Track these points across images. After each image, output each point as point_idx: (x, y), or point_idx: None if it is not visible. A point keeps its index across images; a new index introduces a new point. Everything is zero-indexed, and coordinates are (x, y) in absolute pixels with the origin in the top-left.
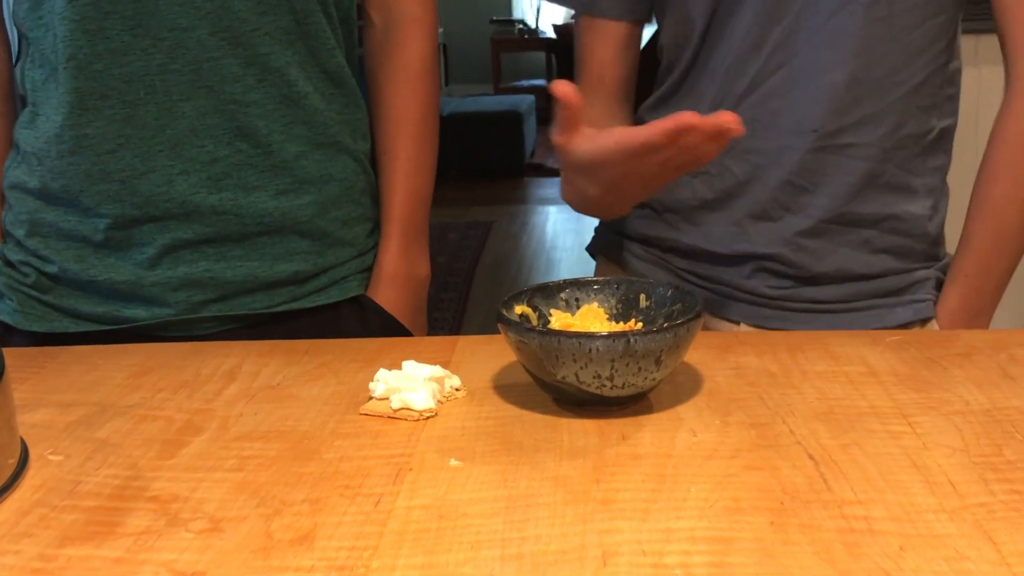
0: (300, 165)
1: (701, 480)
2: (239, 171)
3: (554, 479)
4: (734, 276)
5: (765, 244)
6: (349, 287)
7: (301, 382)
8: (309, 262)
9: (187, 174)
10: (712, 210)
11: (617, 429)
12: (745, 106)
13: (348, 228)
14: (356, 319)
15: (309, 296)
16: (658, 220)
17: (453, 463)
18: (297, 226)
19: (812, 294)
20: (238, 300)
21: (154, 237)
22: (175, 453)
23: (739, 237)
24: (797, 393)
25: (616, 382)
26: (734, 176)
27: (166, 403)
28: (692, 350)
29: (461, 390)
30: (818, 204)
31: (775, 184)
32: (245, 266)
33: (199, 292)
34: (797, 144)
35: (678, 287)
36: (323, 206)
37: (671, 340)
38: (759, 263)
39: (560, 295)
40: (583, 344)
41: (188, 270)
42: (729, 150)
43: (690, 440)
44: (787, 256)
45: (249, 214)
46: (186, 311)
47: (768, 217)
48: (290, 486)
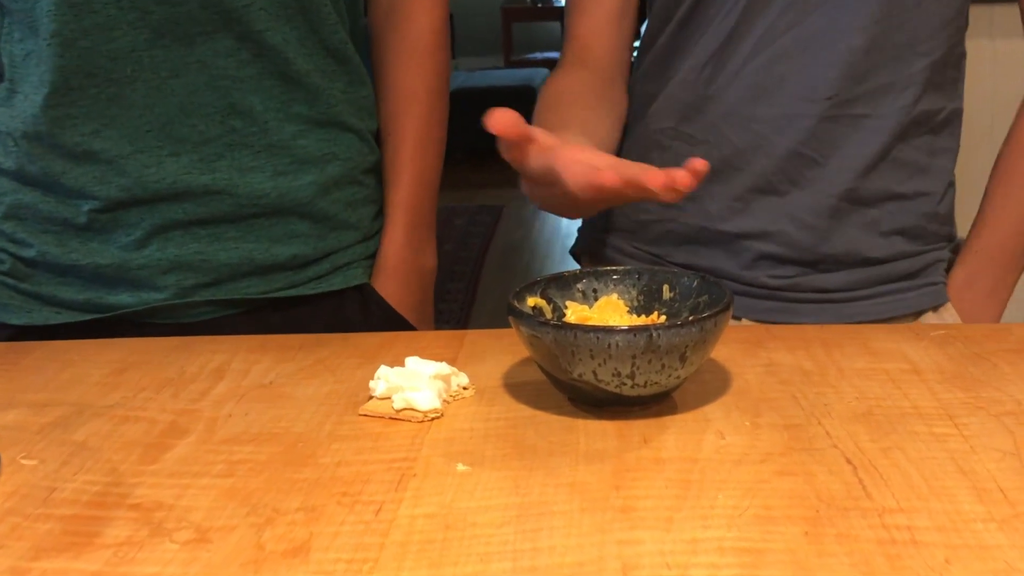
0: (299, 144)
1: (729, 486)
2: (233, 151)
3: (570, 485)
4: (733, 266)
5: (769, 220)
6: (353, 274)
7: (295, 380)
8: (309, 245)
9: (177, 155)
10: (710, 182)
11: (638, 431)
12: (749, 70)
13: (352, 210)
14: (359, 309)
15: (309, 283)
16: (648, 201)
17: (460, 468)
18: (297, 207)
19: (818, 282)
20: (232, 284)
21: (142, 218)
22: (158, 457)
23: (740, 213)
24: (834, 392)
25: (637, 380)
26: (732, 145)
27: (149, 403)
28: (720, 346)
29: (469, 389)
30: (828, 178)
31: (781, 155)
32: (240, 248)
33: (190, 275)
34: (807, 112)
35: (704, 277)
36: (324, 187)
37: (697, 335)
38: (760, 248)
39: (576, 286)
40: (601, 339)
41: (178, 252)
42: (726, 116)
43: (718, 443)
44: (792, 235)
45: (244, 194)
46: (176, 296)
47: (773, 191)
48: (283, 493)
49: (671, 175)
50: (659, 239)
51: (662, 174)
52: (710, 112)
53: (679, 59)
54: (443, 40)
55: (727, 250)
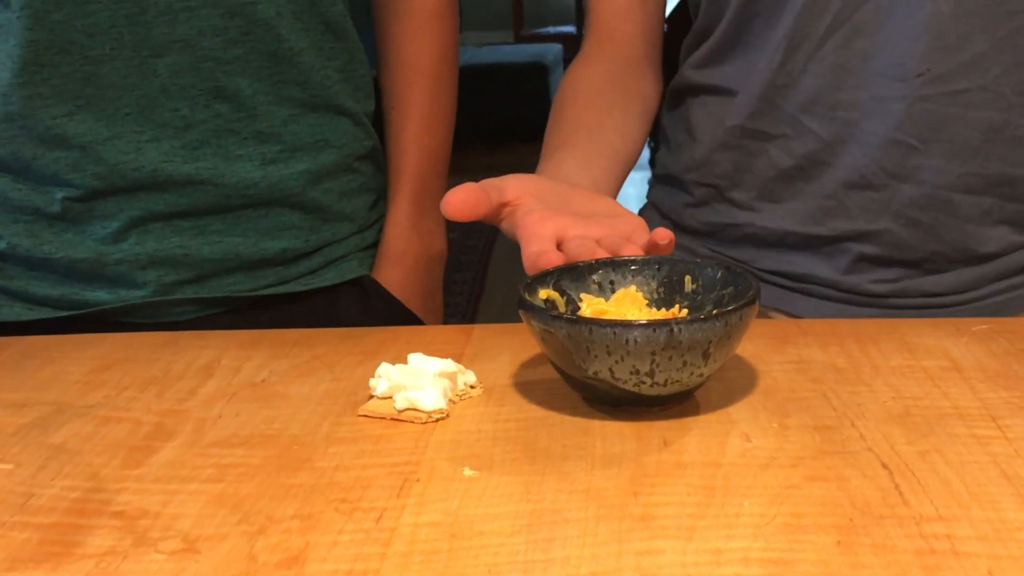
0: (290, 130)
1: (756, 493)
2: (218, 137)
3: (585, 491)
4: (829, 271)
5: (870, 219)
6: (348, 268)
7: (290, 378)
8: (301, 239)
9: (158, 140)
10: (794, 181)
11: (658, 433)
12: (827, 49)
13: (346, 200)
14: (358, 304)
15: (301, 278)
16: (722, 202)
17: (467, 473)
18: (287, 198)
19: (926, 285)
20: (217, 281)
21: (119, 209)
22: (143, 461)
23: (835, 212)
24: (868, 391)
25: (657, 379)
26: (816, 137)
27: (132, 403)
28: (746, 341)
29: (476, 388)
30: (932, 166)
31: (874, 144)
32: (226, 242)
33: (172, 271)
34: (898, 92)
35: (729, 267)
36: (317, 176)
37: (721, 329)
38: (859, 250)
39: (592, 277)
40: (619, 334)
41: (158, 246)
42: (806, 106)
43: (743, 446)
44: (897, 234)
45: (230, 184)
46: (157, 293)
47: (869, 186)
48: (277, 500)
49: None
50: (739, 242)
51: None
52: (785, 103)
53: (742, 46)
54: (450, 8)
55: (820, 254)
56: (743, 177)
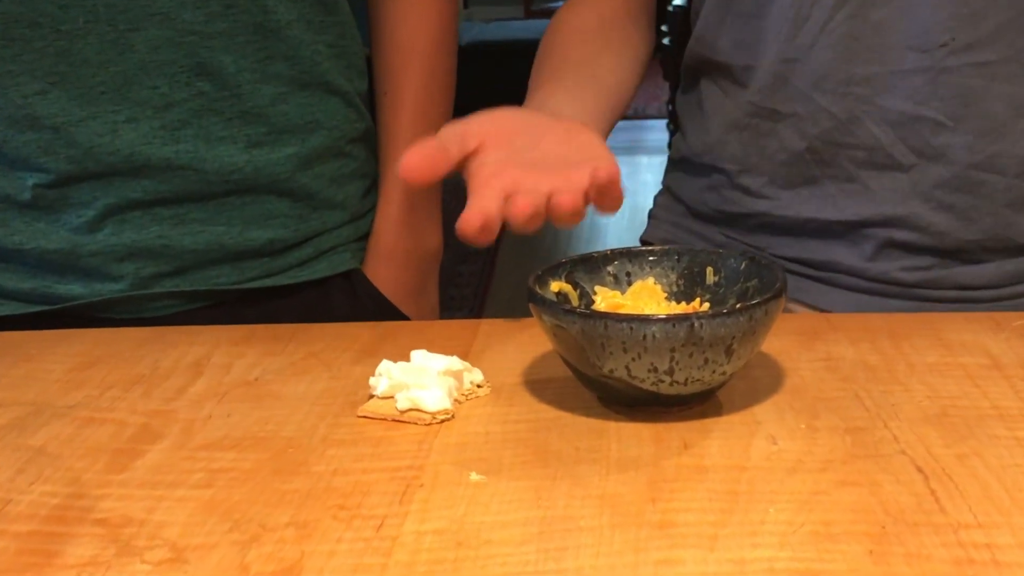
0: (278, 111)
1: (782, 499)
2: (200, 118)
3: (599, 497)
4: (854, 258)
5: (896, 202)
6: (340, 260)
7: (284, 377)
8: (289, 228)
9: (135, 121)
10: (808, 164)
11: (678, 435)
12: (838, 20)
13: (338, 187)
14: (346, 300)
15: (290, 270)
16: (733, 189)
17: (474, 477)
18: (274, 184)
19: (962, 277)
20: (200, 274)
21: (94, 196)
22: (127, 465)
23: (857, 195)
24: (902, 390)
25: (677, 377)
26: (830, 115)
27: (116, 403)
28: (772, 337)
29: (484, 387)
30: (962, 144)
31: (895, 120)
32: (208, 232)
33: (151, 263)
34: (919, 64)
35: (754, 258)
36: (306, 160)
37: (745, 324)
38: (885, 236)
39: (607, 268)
40: (636, 329)
41: (137, 236)
42: (817, 82)
43: (769, 449)
44: (925, 217)
45: (213, 169)
46: (135, 287)
47: (894, 166)
48: (271, 506)
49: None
50: (757, 230)
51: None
52: (796, 79)
53: (749, 18)
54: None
55: (844, 240)
56: (754, 161)
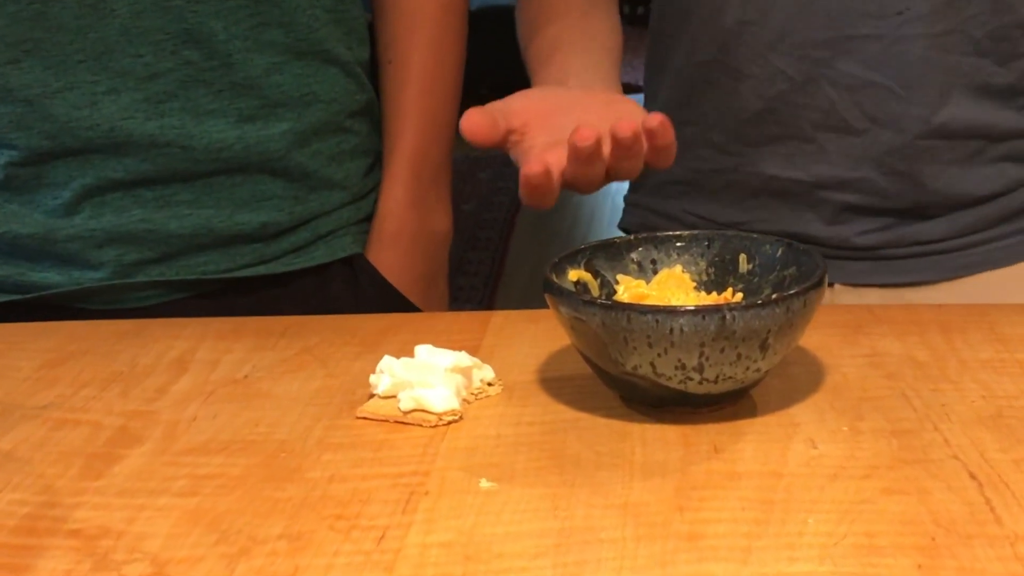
0: (272, 82)
1: (823, 508)
2: (187, 90)
3: (622, 506)
4: (814, 224)
5: (850, 166)
6: (340, 245)
7: (276, 374)
8: (284, 210)
9: (116, 92)
10: (767, 123)
11: (708, 438)
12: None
13: (337, 165)
14: (348, 289)
15: (285, 257)
16: (703, 146)
17: (484, 485)
18: (267, 162)
19: (918, 234)
20: (186, 261)
21: (71, 176)
22: (104, 471)
23: (815, 155)
24: (954, 389)
25: (707, 374)
26: (786, 77)
27: (92, 403)
28: (811, 331)
29: (495, 385)
30: (913, 114)
31: (851, 85)
32: (196, 215)
33: (133, 250)
34: (875, 31)
35: (791, 244)
36: (303, 136)
37: (782, 317)
38: (842, 199)
39: (631, 255)
40: (662, 322)
41: (117, 219)
42: (773, 44)
43: (808, 454)
44: (878, 183)
45: (201, 146)
46: (116, 275)
47: (848, 129)
48: (262, 516)
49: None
50: (723, 193)
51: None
52: (753, 40)
53: None
54: None
55: (804, 203)
56: (720, 118)
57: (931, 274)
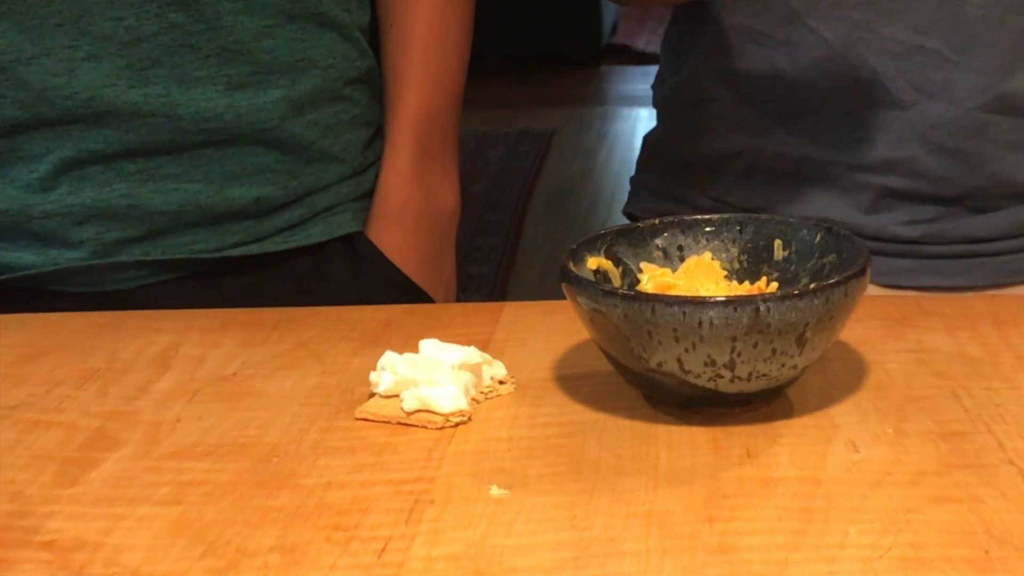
0: (264, 46)
1: (865, 517)
2: (173, 55)
3: (646, 516)
4: (850, 211)
5: (892, 144)
6: (339, 222)
7: (268, 371)
8: (278, 185)
9: (97, 59)
10: (800, 95)
11: (740, 441)
12: None
13: (335, 136)
14: (347, 270)
15: (279, 235)
16: (725, 124)
17: (495, 492)
18: (259, 133)
19: (967, 228)
20: (172, 239)
21: (48, 148)
22: (80, 477)
23: (851, 135)
24: (1009, 388)
25: (739, 372)
26: (824, 44)
27: (66, 403)
28: (852, 324)
29: (507, 383)
30: (967, 81)
31: (896, 52)
32: (182, 190)
33: (115, 227)
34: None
35: (831, 228)
36: (298, 105)
37: (821, 308)
38: (883, 183)
39: (655, 241)
40: (690, 314)
41: (98, 195)
42: (809, 7)
43: (849, 458)
44: (925, 162)
45: (188, 116)
46: (96, 254)
47: (894, 103)
48: (252, 527)
49: None
50: (746, 177)
51: None
52: (785, 1)
53: None
54: None
55: (838, 188)
56: (746, 92)
57: (981, 278)
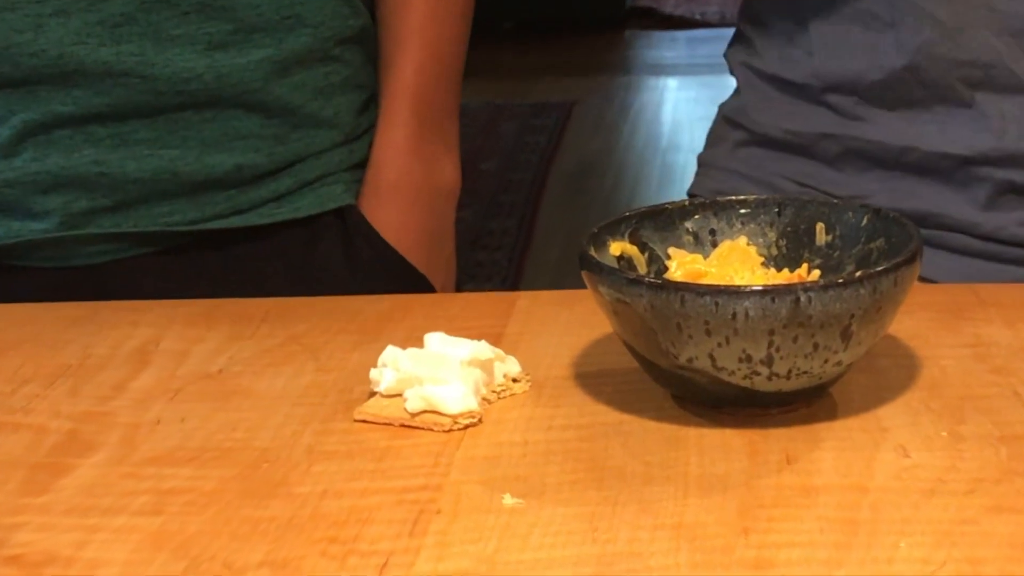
0: (248, 3)
1: (917, 529)
2: (148, 12)
3: (675, 527)
4: (963, 207)
5: (1018, 134)
6: (331, 194)
7: (258, 367)
8: (263, 151)
9: (65, 14)
10: (912, 84)
11: (779, 445)
12: None
13: (325, 99)
14: (339, 246)
15: (265, 207)
16: (818, 105)
17: (508, 501)
18: (242, 96)
19: None
20: (147, 210)
21: (11, 111)
22: (49, 485)
23: (971, 123)
24: None
25: (777, 368)
26: (938, 24)
27: (35, 403)
28: (903, 316)
29: (521, 381)
30: None
31: (1017, 27)
32: (158, 156)
33: (83, 196)
34: None
35: (879, 210)
36: (284, 65)
37: (868, 299)
38: (1007, 175)
39: (685, 224)
40: (724, 305)
41: (65, 162)
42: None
43: (899, 464)
44: None
45: (164, 77)
46: (64, 226)
47: (1017, 87)
48: (240, 540)
49: None
50: (842, 160)
51: None
52: None
53: None
54: None
55: (951, 182)
56: (844, 78)
57: None
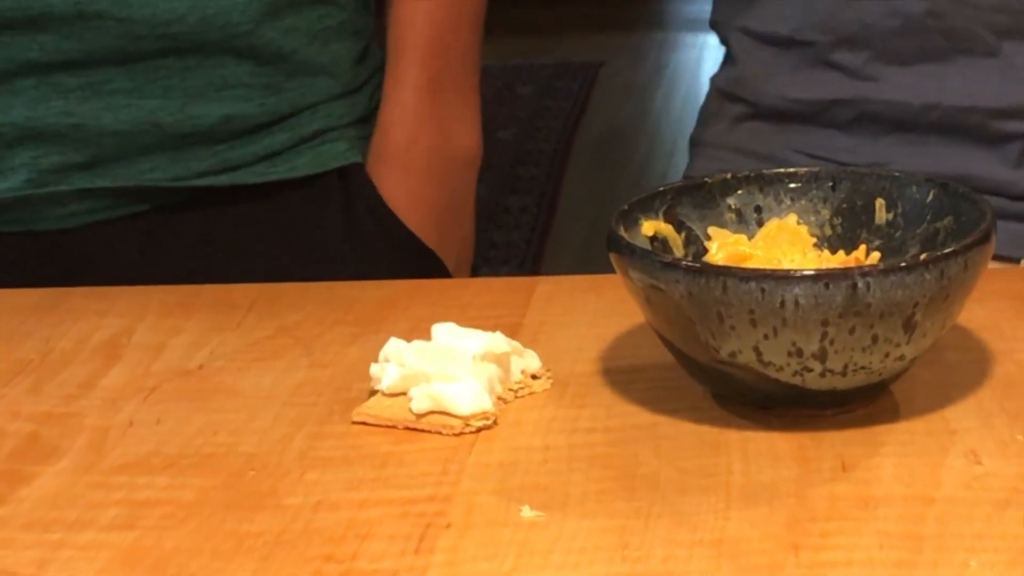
0: None
1: (989, 545)
2: None
3: (716, 543)
4: (992, 168)
5: None
6: (332, 152)
7: (243, 362)
8: (253, 101)
9: None
10: (933, 33)
11: (833, 450)
12: None
13: (322, 45)
14: (340, 212)
15: (257, 164)
16: (825, 68)
17: (526, 514)
18: (230, 40)
19: None
20: (124, 166)
21: None
22: (8, 496)
23: (999, 75)
24: None
25: (831, 364)
26: None
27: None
28: (974, 303)
29: (541, 378)
30: None
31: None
32: (136, 107)
33: (54, 151)
34: None
35: (947, 185)
36: (274, 7)
37: (934, 285)
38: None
39: (727, 200)
40: (771, 292)
41: (32, 113)
42: None
43: (968, 472)
44: None
45: (143, 20)
46: (32, 183)
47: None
48: (223, 558)
49: None
50: (853, 126)
51: None
52: None
53: None
54: None
55: (979, 138)
56: (853, 31)
57: None
